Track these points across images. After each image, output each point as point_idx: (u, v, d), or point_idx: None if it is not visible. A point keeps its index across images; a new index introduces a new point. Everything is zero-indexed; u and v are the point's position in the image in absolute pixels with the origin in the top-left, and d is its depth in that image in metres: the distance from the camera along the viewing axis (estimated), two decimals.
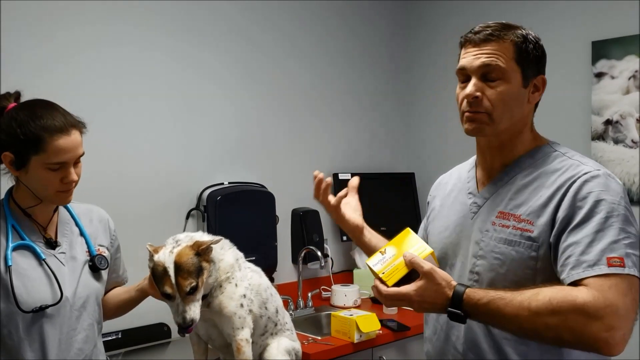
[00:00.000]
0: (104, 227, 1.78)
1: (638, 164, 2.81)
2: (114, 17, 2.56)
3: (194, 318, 1.60)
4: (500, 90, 1.35)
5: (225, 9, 2.94)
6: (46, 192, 1.55)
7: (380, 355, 2.64)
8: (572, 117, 3.05)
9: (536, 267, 1.32)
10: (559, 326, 1.18)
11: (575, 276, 1.22)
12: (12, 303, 1.49)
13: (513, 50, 1.36)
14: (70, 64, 2.44)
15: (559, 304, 1.18)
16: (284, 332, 1.94)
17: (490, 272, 1.38)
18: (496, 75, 1.35)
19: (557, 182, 1.34)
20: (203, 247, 1.63)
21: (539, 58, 1.41)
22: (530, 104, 1.42)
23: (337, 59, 3.44)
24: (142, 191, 2.62)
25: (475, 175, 1.52)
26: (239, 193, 2.82)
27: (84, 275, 1.64)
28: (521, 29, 1.40)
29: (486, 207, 1.44)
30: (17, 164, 1.53)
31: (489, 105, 1.36)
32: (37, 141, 1.49)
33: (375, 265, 1.36)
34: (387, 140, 3.70)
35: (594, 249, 1.22)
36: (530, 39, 1.40)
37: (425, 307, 1.32)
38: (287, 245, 3.14)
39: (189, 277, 1.59)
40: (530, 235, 1.32)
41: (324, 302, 3.16)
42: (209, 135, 2.89)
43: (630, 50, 2.83)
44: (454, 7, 3.54)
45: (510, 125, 1.39)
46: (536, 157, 1.42)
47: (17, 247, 1.53)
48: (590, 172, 1.31)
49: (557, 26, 3.09)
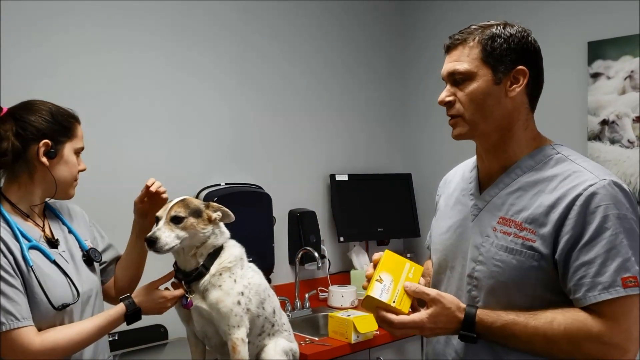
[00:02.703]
0: (84, 222, 1.80)
1: (635, 164, 2.82)
2: (110, 19, 2.55)
3: (161, 239, 1.65)
4: (467, 91, 1.37)
5: (223, 11, 2.94)
6: (71, 179, 1.63)
7: (378, 356, 2.65)
8: (568, 117, 3.05)
9: (537, 276, 1.30)
10: (573, 352, 1.23)
11: (592, 299, 1.22)
12: (34, 302, 1.49)
13: (479, 50, 1.37)
14: (65, 66, 2.43)
15: (574, 335, 1.22)
16: (282, 332, 1.95)
17: (490, 279, 1.36)
18: (462, 77, 1.37)
19: (559, 188, 1.31)
20: (213, 204, 1.78)
21: (513, 51, 1.37)
22: (511, 98, 1.37)
23: (333, 60, 3.44)
24: (138, 192, 2.60)
25: (477, 176, 1.50)
26: (236, 194, 2.82)
27: (84, 271, 1.66)
28: (494, 27, 1.39)
29: (487, 211, 1.42)
30: (51, 153, 1.56)
31: (461, 107, 1.38)
32: (71, 127, 1.61)
33: (381, 295, 1.34)
34: (384, 141, 3.70)
35: (608, 269, 1.22)
36: (502, 35, 1.37)
37: (437, 332, 1.35)
38: (284, 246, 3.14)
39: (183, 208, 1.71)
40: (532, 245, 1.30)
41: (321, 303, 3.15)
42: (205, 136, 2.89)
43: (626, 50, 2.84)
44: (451, 9, 3.55)
45: (493, 125, 1.38)
46: (537, 159, 1.39)
47: (29, 248, 1.52)
48: (596, 184, 1.27)
49: (553, 27, 3.10)
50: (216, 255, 1.78)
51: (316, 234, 3.15)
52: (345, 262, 3.44)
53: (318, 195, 3.35)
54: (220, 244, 1.79)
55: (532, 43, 1.41)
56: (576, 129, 3.02)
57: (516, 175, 1.39)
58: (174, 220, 1.69)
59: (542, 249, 1.29)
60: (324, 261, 3.12)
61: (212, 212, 1.76)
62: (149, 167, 2.67)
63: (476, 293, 1.38)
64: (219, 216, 1.77)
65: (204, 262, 1.76)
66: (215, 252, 1.78)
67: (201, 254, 1.76)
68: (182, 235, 1.69)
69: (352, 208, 3.37)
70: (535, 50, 1.41)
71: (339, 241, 3.31)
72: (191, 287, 1.76)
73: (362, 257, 3.36)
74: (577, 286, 1.24)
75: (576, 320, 1.23)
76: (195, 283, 1.75)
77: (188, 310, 1.76)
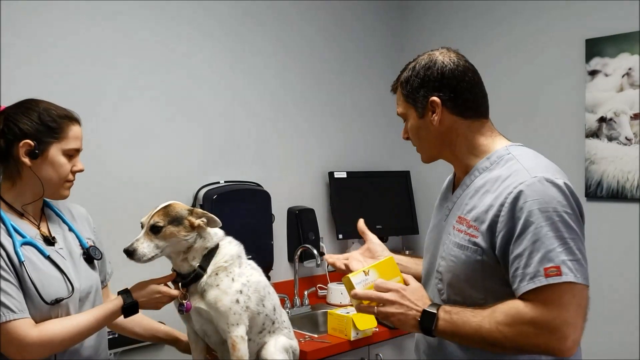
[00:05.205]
0: (87, 222, 1.80)
1: (632, 161, 2.83)
2: (106, 16, 2.55)
3: (138, 250, 1.67)
4: (408, 128, 1.57)
5: (220, 9, 2.94)
6: (58, 180, 1.60)
7: (377, 353, 2.65)
8: (566, 114, 3.06)
9: (483, 269, 1.40)
10: (515, 337, 1.31)
11: (522, 289, 1.32)
12: (28, 297, 1.50)
13: (402, 93, 1.55)
14: (61, 64, 2.42)
15: (512, 320, 1.31)
16: (282, 330, 1.95)
17: (448, 272, 1.48)
18: (403, 118, 1.58)
19: (498, 188, 1.40)
20: (197, 210, 1.77)
21: (422, 85, 1.49)
22: (438, 125, 1.49)
23: (331, 57, 3.44)
24: (138, 191, 2.61)
25: (452, 179, 1.63)
26: (235, 192, 2.83)
27: (83, 268, 1.67)
28: (409, 68, 1.54)
29: (452, 211, 1.53)
30: (34, 153, 1.55)
31: (412, 141, 1.59)
32: (59, 128, 1.59)
33: (358, 284, 1.47)
34: (382, 138, 3.70)
35: (533, 261, 1.31)
36: (412, 73, 1.51)
37: (410, 308, 1.41)
38: (283, 243, 3.15)
39: (162, 217, 1.71)
40: (475, 240, 1.41)
41: (320, 300, 3.16)
42: (204, 134, 2.89)
43: (623, 47, 2.85)
44: (450, 8, 3.55)
45: (436, 148, 1.54)
46: (492, 161, 1.48)
47: (22, 244, 1.54)
48: (525, 182, 1.35)
49: (550, 24, 3.11)
50: (212, 255, 1.78)
51: (315, 231, 3.15)
52: None
53: (317, 192, 3.36)
54: (212, 245, 1.79)
55: (440, 68, 1.49)
56: (574, 126, 3.03)
57: (474, 177, 1.49)
58: (152, 229, 1.70)
59: (482, 244, 1.39)
60: (322, 258, 3.12)
61: (196, 219, 1.75)
62: (148, 166, 2.68)
63: (441, 286, 1.51)
64: (204, 222, 1.76)
65: (200, 263, 1.76)
66: (210, 252, 1.78)
67: (193, 257, 1.76)
68: (162, 244, 1.70)
69: (350, 205, 3.37)
70: (442, 75, 1.48)
71: (338, 238, 3.31)
72: (189, 290, 1.76)
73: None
74: (513, 278, 1.34)
75: (512, 307, 1.32)
76: (194, 285, 1.76)
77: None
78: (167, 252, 1.73)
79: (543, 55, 3.15)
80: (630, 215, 2.85)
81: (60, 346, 1.53)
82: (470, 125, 1.50)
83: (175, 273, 1.79)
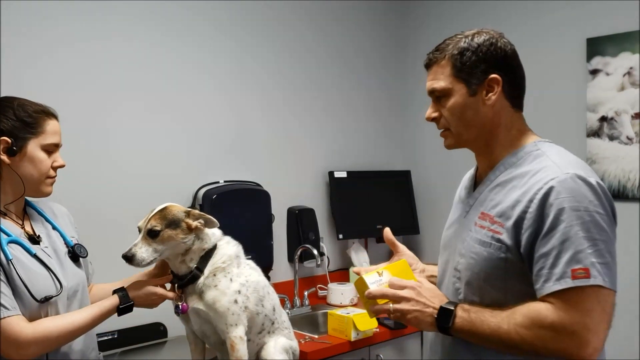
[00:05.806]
0: (69, 221, 1.79)
1: (633, 160, 2.82)
2: (107, 12, 2.54)
3: (137, 256, 1.66)
4: (448, 106, 1.44)
5: (222, 7, 2.93)
6: (39, 177, 1.59)
7: (378, 354, 2.64)
8: (567, 114, 3.05)
9: (505, 267, 1.35)
10: (533, 340, 1.26)
11: (546, 290, 1.27)
12: (17, 295, 1.49)
13: (450, 67, 1.43)
14: (61, 59, 2.41)
15: (531, 322, 1.26)
16: (282, 330, 1.94)
17: (467, 270, 1.42)
18: (441, 94, 1.45)
19: (527, 184, 1.35)
20: (194, 211, 1.75)
21: (483, 61, 1.41)
22: (490, 106, 1.42)
23: (332, 57, 3.43)
24: (138, 190, 2.60)
25: (474, 175, 1.57)
26: (235, 191, 2.82)
27: (70, 266, 1.66)
28: (462, 41, 1.43)
29: (474, 207, 1.48)
30: (12, 150, 1.54)
31: (445, 122, 1.47)
32: (36, 123, 1.57)
33: (372, 284, 1.43)
34: (383, 138, 3.69)
35: (561, 261, 1.26)
36: (470, 47, 1.41)
37: (426, 305, 1.37)
38: (283, 243, 3.14)
39: (159, 221, 1.70)
40: (500, 237, 1.36)
41: (320, 301, 3.15)
42: (204, 133, 2.88)
43: (625, 47, 2.84)
44: (450, 8, 3.54)
45: (476, 133, 1.45)
46: (519, 156, 1.43)
47: (8, 242, 1.53)
48: (556, 178, 1.30)
49: (552, 24, 3.10)
50: (209, 256, 1.78)
51: (315, 231, 3.14)
52: (344, 259, 3.44)
53: (317, 192, 3.35)
54: (210, 246, 1.78)
55: (502, 48, 1.43)
56: (575, 125, 3.02)
57: (499, 172, 1.44)
58: (150, 234, 1.69)
59: (507, 241, 1.34)
60: (323, 258, 3.12)
61: (193, 221, 1.74)
62: (148, 165, 2.67)
63: (458, 285, 1.45)
64: (201, 224, 1.75)
65: (197, 264, 1.76)
66: (208, 253, 1.78)
67: (190, 259, 1.76)
68: (160, 248, 1.70)
69: (351, 205, 3.37)
70: (505, 55, 1.43)
71: (338, 238, 3.30)
72: (185, 291, 1.75)
73: (361, 255, 3.36)
74: (537, 277, 1.30)
75: (533, 310, 1.28)
76: (191, 286, 1.76)
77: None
78: (166, 255, 1.73)
79: (544, 54, 3.14)
80: (630, 214, 2.84)
81: (56, 343, 1.52)
82: (513, 115, 1.45)
83: (172, 275, 1.78)
